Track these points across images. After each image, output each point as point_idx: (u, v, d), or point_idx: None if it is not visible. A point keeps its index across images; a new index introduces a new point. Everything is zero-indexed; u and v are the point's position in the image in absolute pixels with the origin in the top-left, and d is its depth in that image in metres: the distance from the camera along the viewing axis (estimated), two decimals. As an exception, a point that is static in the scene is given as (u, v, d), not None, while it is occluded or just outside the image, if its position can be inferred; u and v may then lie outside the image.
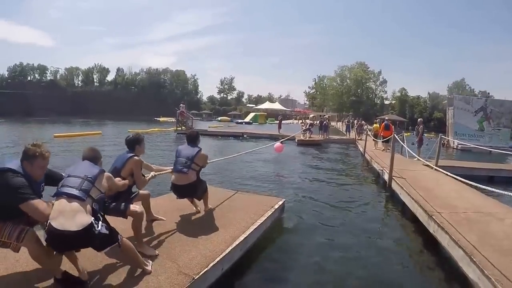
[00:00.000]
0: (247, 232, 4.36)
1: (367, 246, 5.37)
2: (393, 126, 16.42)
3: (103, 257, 3.20)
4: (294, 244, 5.29)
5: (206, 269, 3.28)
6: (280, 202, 5.83)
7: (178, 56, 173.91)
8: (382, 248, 5.29)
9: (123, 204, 3.59)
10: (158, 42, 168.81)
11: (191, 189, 4.58)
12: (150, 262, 3.22)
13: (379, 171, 10.52)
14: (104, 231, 2.69)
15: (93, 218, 2.62)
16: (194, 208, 5.01)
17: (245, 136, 25.97)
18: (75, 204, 2.57)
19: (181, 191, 4.58)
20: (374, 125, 19.51)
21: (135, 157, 3.74)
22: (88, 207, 2.65)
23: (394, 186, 8.24)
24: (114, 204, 3.58)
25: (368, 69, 72.17)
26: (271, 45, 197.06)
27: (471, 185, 6.46)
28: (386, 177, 9.06)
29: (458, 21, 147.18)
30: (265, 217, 5.01)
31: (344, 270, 4.50)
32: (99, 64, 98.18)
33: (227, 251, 3.74)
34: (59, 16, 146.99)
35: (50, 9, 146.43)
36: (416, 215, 6.04)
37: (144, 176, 3.96)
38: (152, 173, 4.18)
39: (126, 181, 3.58)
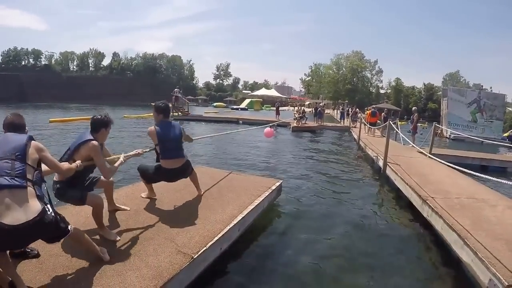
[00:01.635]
0: (245, 212, 4.34)
1: (362, 229, 5.39)
2: (379, 114, 18.54)
3: (102, 239, 3.28)
4: (290, 225, 5.32)
5: (205, 248, 3.28)
6: (277, 184, 5.84)
7: (174, 41, 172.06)
8: (376, 231, 5.33)
9: (81, 191, 3.25)
10: (153, 27, 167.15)
11: (185, 169, 4.40)
12: (105, 250, 2.98)
13: (374, 157, 10.54)
14: (55, 215, 2.43)
15: (42, 202, 2.35)
16: (148, 194, 4.61)
17: (240, 122, 25.92)
18: (17, 194, 2.22)
19: (176, 173, 4.33)
20: (366, 112, 20.31)
21: (93, 142, 3.14)
22: (31, 190, 2.30)
23: (388, 172, 8.26)
24: (70, 190, 3.20)
25: (364, 58, 71.99)
26: (266, 31, 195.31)
27: (464, 172, 6.49)
28: (380, 163, 9.08)
29: (454, 13, 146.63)
30: (263, 198, 5.00)
31: (339, 252, 4.53)
32: (94, 49, 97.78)
33: (225, 230, 3.73)
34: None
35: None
36: (410, 200, 6.06)
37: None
38: (122, 157, 3.57)
39: (73, 165, 2.95)
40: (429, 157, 9.60)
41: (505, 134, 26.49)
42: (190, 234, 3.51)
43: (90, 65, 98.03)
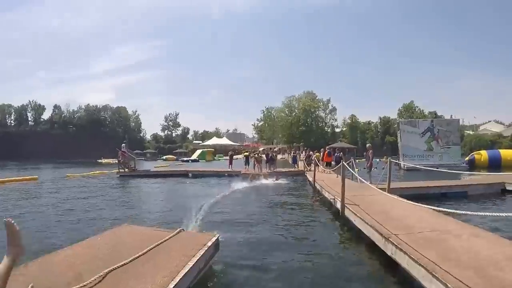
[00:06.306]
0: (177, 279, 3.92)
1: (323, 275, 5.25)
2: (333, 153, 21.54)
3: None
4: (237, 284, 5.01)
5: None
6: (214, 239, 5.43)
7: (117, 91, 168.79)
8: (340, 276, 5.21)
9: None
10: (95, 76, 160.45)
11: None
12: None
13: (331, 200, 10.61)
14: None
15: None
16: None
17: (190, 175, 25.56)
18: None
19: None
20: (316, 154, 22.44)
21: None
22: None
23: (347, 213, 8.31)
24: None
25: (316, 98, 75.07)
26: (212, 79, 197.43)
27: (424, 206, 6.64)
28: (338, 205, 9.13)
29: (403, 45, 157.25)
30: (197, 258, 4.61)
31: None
32: (33, 101, 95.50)
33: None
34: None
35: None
36: (373, 239, 6.08)
37: None
38: None
39: None
40: (387, 193, 9.80)
41: (466, 158, 28.11)
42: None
43: (29, 118, 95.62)
